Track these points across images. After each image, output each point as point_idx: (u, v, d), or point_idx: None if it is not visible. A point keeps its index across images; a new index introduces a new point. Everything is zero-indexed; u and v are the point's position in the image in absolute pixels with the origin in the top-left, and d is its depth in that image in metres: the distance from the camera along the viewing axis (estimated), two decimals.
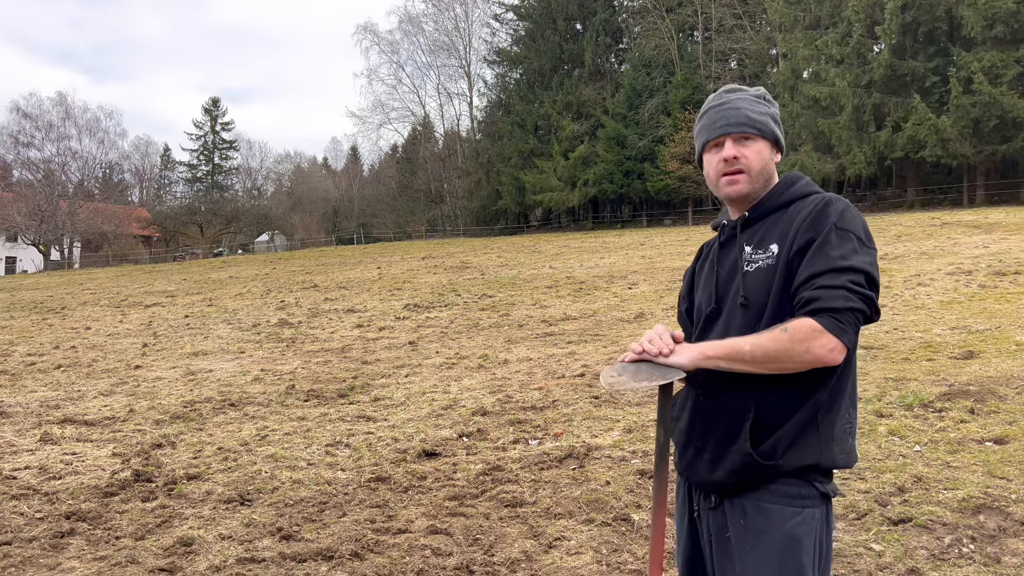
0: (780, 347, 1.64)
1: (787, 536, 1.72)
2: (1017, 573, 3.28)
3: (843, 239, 1.69)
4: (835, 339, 1.62)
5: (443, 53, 67.84)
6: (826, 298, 1.63)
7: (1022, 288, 11.06)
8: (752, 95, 1.91)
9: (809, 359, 1.64)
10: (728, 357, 1.70)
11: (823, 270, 1.66)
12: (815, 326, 1.62)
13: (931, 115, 32.68)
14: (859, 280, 1.65)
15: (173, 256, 59.23)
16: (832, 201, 1.76)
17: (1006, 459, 4.56)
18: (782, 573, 1.71)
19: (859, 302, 1.64)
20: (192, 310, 17.58)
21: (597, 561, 3.71)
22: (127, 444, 6.28)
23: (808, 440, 1.73)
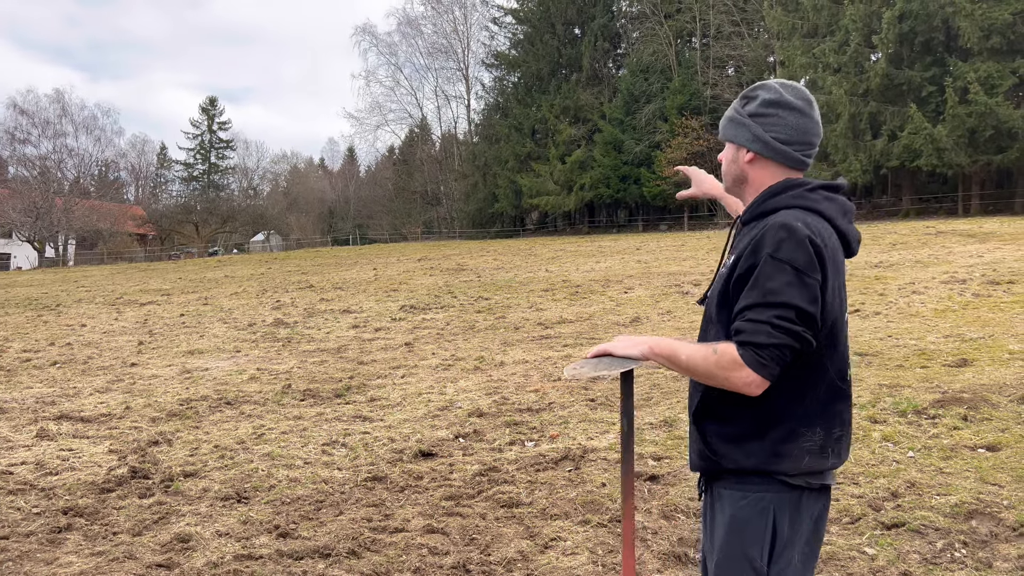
0: (706, 368, 1.74)
1: (732, 517, 1.84)
2: None
3: (778, 271, 1.69)
4: (753, 374, 1.68)
5: (441, 56, 68.01)
6: (751, 332, 1.69)
7: (1016, 297, 11.13)
8: (739, 99, 1.99)
9: (729, 386, 1.73)
10: (668, 359, 1.81)
11: (753, 303, 1.71)
12: (736, 359, 1.68)
13: (927, 124, 32.86)
14: (788, 315, 1.67)
15: (168, 255, 59.17)
16: (773, 227, 1.74)
17: (998, 466, 4.60)
18: (726, 552, 1.85)
19: (783, 337, 1.67)
20: (188, 309, 17.57)
21: (593, 562, 3.74)
22: (124, 441, 6.29)
23: (750, 447, 1.82)
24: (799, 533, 1.84)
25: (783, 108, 1.87)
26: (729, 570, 1.85)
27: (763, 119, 1.89)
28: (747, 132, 1.91)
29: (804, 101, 1.88)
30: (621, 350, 1.88)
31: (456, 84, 69.39)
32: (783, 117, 1.87)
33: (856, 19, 36.24)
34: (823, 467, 1.84)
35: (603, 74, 55.99)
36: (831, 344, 1.81)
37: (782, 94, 1.89)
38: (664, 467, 5.01)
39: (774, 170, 1.91)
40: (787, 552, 1.83)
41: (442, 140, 72.52)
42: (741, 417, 1.82)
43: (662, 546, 3.85)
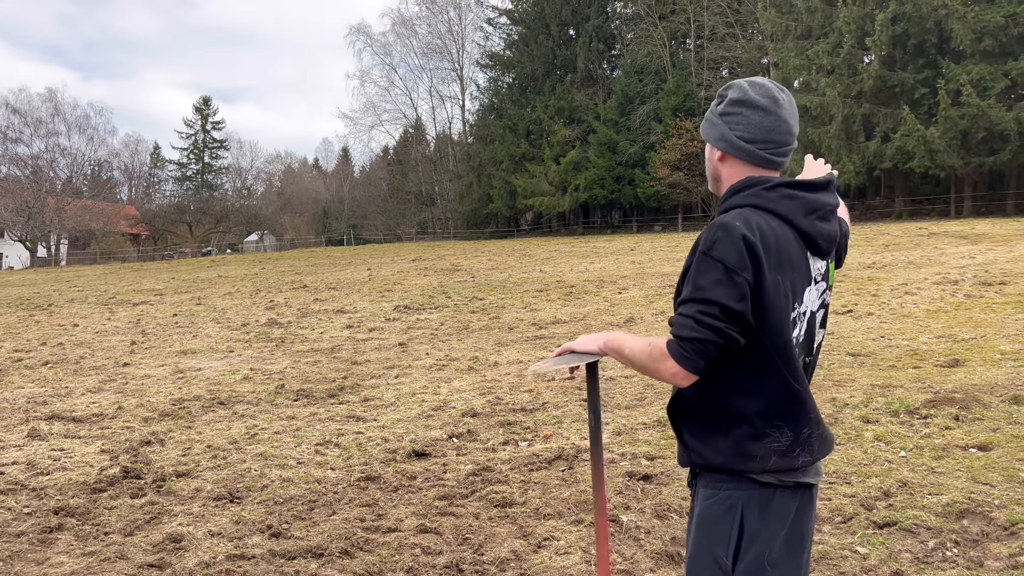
0: (643, 360, 1.79)
1: (700, 515, 1.88)
2: None
3: (708, 268, 1.72)
4: (677, 366, 1.73)
5: (436, 56, 68.00)
6: (678, 325, 1.75)
7: (1007, 298, 11.17)
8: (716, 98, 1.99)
9: (660, 377, 1.78)
10: (614, 351, 1.89)
11: (684, 298, 1.77)
12: (664, 350, 1.75)
13: (920, 126, 32.98)
14: (712, 311, 1.69)
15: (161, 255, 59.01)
16: (713, 227, 1.76)
17: (989, 465, 4.62)
18: (693, 550, 1.90)
19: (706, 332, 1.69)
20: (181, 309, 17.51)
21: (586, 561, 3.74)
22: (116, 441, 6.26)
23: (718, 445, 1.84)
24: (770, 531, 1.82)
25: (747, 107, 1.87)
26: (696, 567, 1.88)
27: (729, 118, 1.89)
28: (716, 131, 1.92)
29: (769, 99, 1.87)
30: (581, 347, 1.98)
31: (451, 84, 69.50)
32: (747, 116, 1.86)
33: (849, 21, 36.35)
34: (793, 466, 1.82)
35: (598, 75, 56.07)
36: (779, 343, 1.77)
37: (747, 92, 1.88)
38: (657, 467, 5.02)
39: (742, 168, 1.90)
40: (755, 550, 1.81)
41: (437, 140, 72.50)
42: (706, 414, 1.86)
43: (655, 545, 3.85)
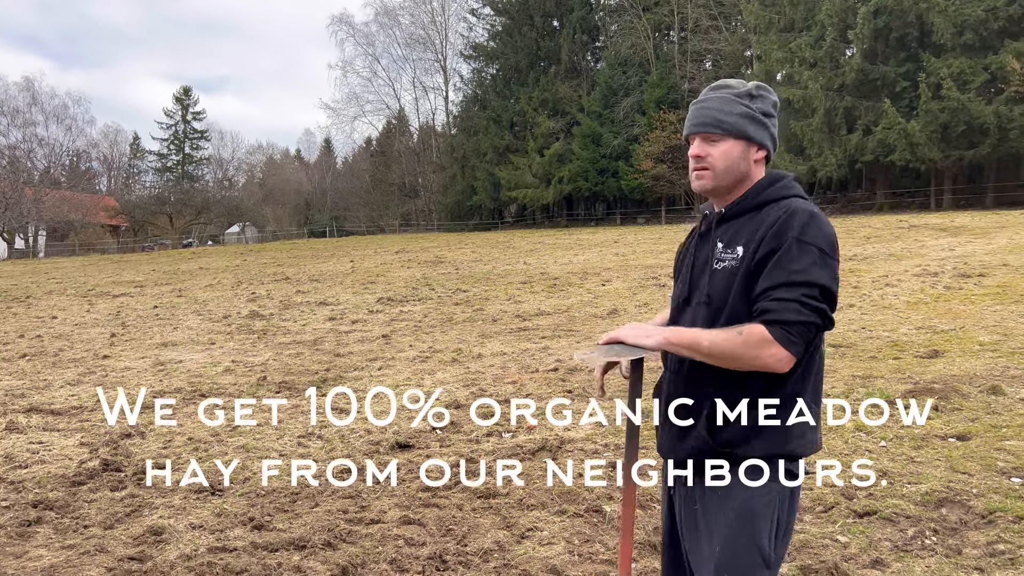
0: (733, 349, 1.74)
1: (743, 508, 1.84)
2: (977, 564, 3.36)
3: (803, 252, 1.75)
4: (783, 351, 1.72)
5: (419, 47, 67.62)
6: (779, 311, 1.72)
7: (986, 290, 11.30)
8: (732, 94, 1.94)
9: (758, 364, 1.74)
10: (688, 347, 1.81)
11: (780, 283, 1.74)
12: (766, 336, 1.71)
13: (901, 119, 33.23)
14: (813, 294, 1.73)
15: (142, 246, 58.42)
16: (797, 212, 1.80)
17: (968, 455, 4.67)
18: (735, 544, 1.84)
19: (811, 315, 1.72)
20: (161, 301, 17.36)
21: (569, 551, 3.75)
22: (95, 434, 6.20)
23: (766, 433, 1.84)
24: (793, 521, 1.93)
25: (778, 112, 1.98)
26: (739, 561, 1.84)
27: (772, 120, 1.95)
28: (765, 132, 1.94)
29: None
30: (632, 339, 1.87)
31: (434, 75, 68.98)
32: (778, 120, 1.96)
33: (832, 14, 36.53)
34: (815, 446, 1.91)
35: (581, 67, 56.01)
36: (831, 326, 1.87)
37: (776, 98, 1.99)
38: (641, 458, 5.03)
39: (765, 167, 1.99)
40: (786, 539, 1.90)
41: (420, 132, 72.18)
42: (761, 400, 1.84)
43: (637, 535, 3.86)
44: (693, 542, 1.95)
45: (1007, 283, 11.65)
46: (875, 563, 3.45)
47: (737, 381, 1.82)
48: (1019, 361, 6.92)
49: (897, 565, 3.42)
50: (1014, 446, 4.74)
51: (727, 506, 1.86)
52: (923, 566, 3.39)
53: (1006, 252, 15.35)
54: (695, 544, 1.94)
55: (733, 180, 1.93)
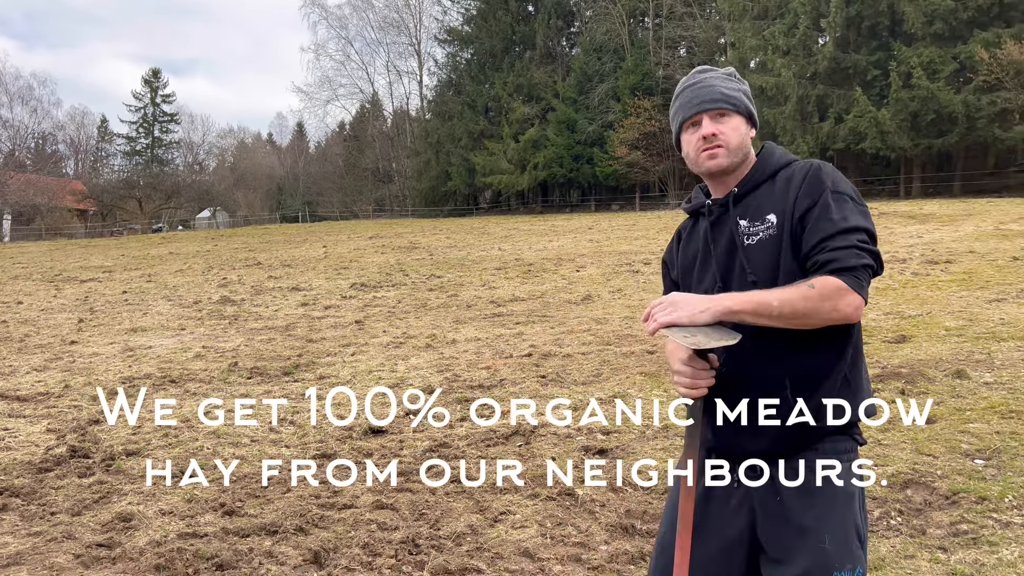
0: (809, 304, 1.66)
1: (845, 492, 1.77)
2: (940, 544, 3.43)
3: (841, 202, 1.76)
4: (858, 296, 1.69)
5: (393, 30, 67.03)
6: (842, 259, 1.69)
7: (952, 276, 11.49)
8: (723, 73, 1.94)
9: (837, 316, 1.68)
10: (755, 312, 1.68)
11: (832, 232, 1.72)
12: (841, 285, 1.67)
13: (872, 108, 33.58)
14: (864, 238, 1.73)
15: (110, 231, 57.45)
16: (822, 166, 1.82)
17: (933, 437, 4.76)
18: (845, 527, 1.76)
19: (869, 258, 1.72)
20: (130, 286, 17.12)
21: (542, 534, 3.76)
22: (62, 420, 6.11)
23: (845, 396, 1.78)
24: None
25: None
26: (848, 546, 1.75)
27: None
28: (754, 110, 1.96)
29: None
30: (688, 317, 1.70)
31: (408, 59, 68.40)
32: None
33: (805, 2, 36.75)
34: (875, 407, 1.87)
35: (556, 52, 55.84)
36: None
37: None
38: (613, 441, 5.07)
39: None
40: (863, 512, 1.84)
41: (394, 116, 71.64)
42: (834, 369, 1.78)
43: (610, 518, 3.89)
44: (787, 536, 1.78)
45: (973, 270, 11.85)
46: None
47: (805, 350, 1.74)
48: (983, 346, 7.05)
49: None
50: (978, 428, 4.83)
51: (827, 492, 1.76)
52: (888, 546, 3.45)
53: (972, 239, 15.61)
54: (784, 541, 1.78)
55: (742, 156, 1.90)
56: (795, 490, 1.78)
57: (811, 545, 1.74)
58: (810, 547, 1.74)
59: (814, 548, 1.73)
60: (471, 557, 3.55)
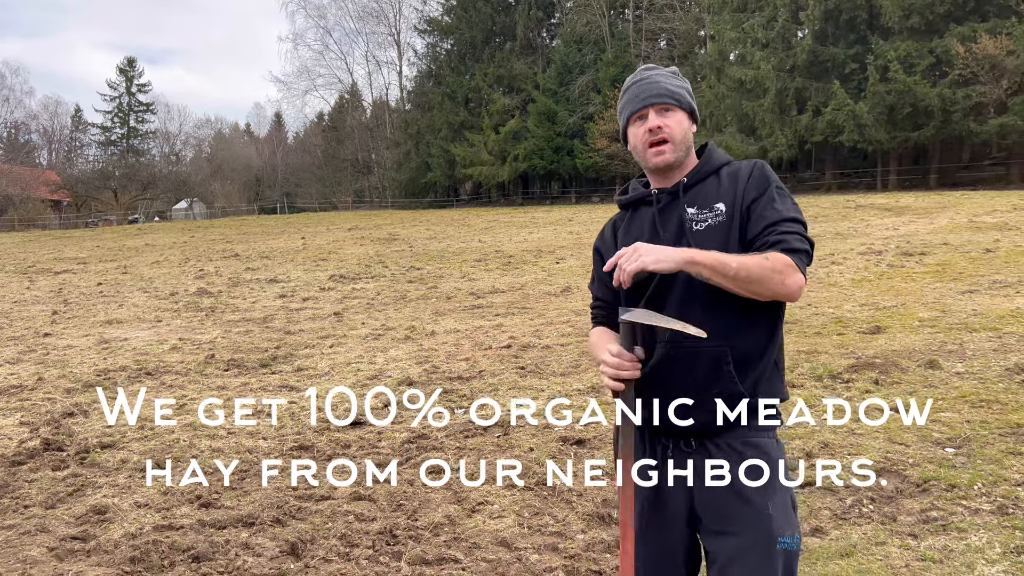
0: (763, 273, 1.78)
1: (778, 462, 1.90)
2: (911, 531, 3.49)
3: (783, 197, 1.93)
4: (802, 276, 1.83)
5: (372, 20, 66.63)
6: (790, 241, 1.85)
7: (927, 268, 11.64)
8: (668, 72, 2.07)
9: (782, 290, 1.81)
10: (712, 267, 1.78)
11: (779, 219, 1.88)
12: (790, 262, 1.81)
13: (849, 101, 33.85)
14: (803, 231, 1.90)
15: (85, 222, 56.67)
16: (765, 166, 1.99)
17: (905, 427, 4.83)
18: (783, 495, 1.87)
19: (808, 246, 1.89)
20: (106, 278, 16.92)
21: (519, 524, 3.78)
22: (36, 413, 6.05)
23: (774, 376, 1.94)
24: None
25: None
26: (787, 513, 1.86)
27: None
28: (695, 107, 2.10)
29: None
30: (653, 261, 1.77)
31: (388, 50, 68.32)
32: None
33: None
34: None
35: (537, 44, 55.73)
36: None
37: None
38: (590, 431, 5.09)
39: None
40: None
41: (373, 107, 71.22)
42: (768, 350, 1.93)
43: (587, 507, 3.92)
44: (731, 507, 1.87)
45: (947, 262, 12.01)
46: (815, 531, 3.55)
47: (743, 330, 1.87)
48: (956, 336, 7.15)
49: (836, 532, 3.53)
50: (949, 418, 4.91)
51: (766, 465, 1.87)
52: (860, 533, 3.51)
53: (947, 232, 15.82)
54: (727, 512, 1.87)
55: (685, 151, 2.01)
56: (735, 463, 1.88)
57: (755, 513, 1.84)
58: (755, 515, 1.84)
59: (759, 516, 1.83)
60: (448, 547, 3.56)
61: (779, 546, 1.83)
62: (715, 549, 1.88)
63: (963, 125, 32.20)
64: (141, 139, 71.78)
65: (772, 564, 1.82)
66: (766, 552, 1.82)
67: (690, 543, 1.97)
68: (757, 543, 1.82)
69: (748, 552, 1.83)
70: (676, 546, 1.96)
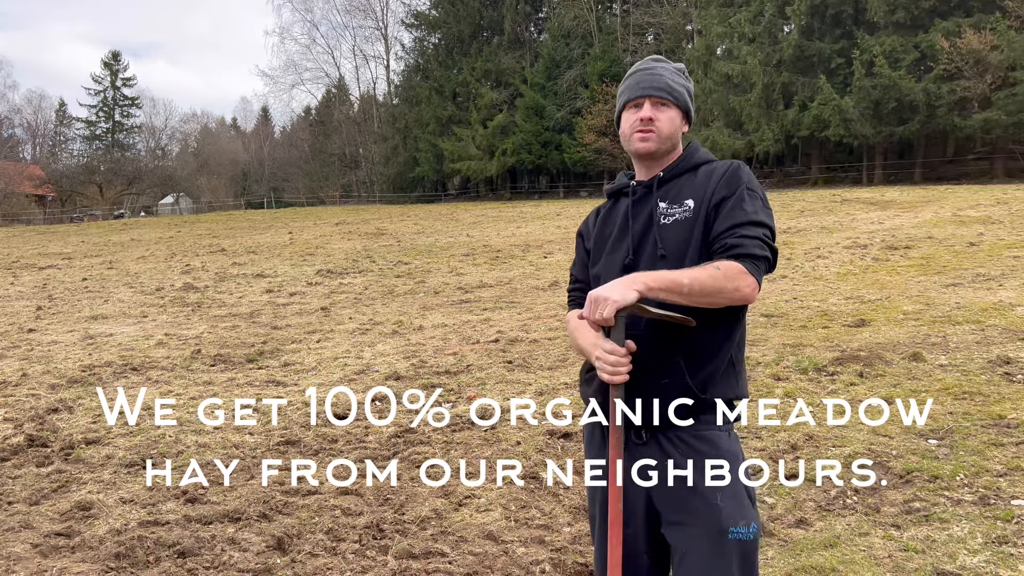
0: (715, 283, 1.81)
1: (730, 453, 1.94)
2: (894, 521, 3.52)
3: (753, 199, 1.94)
4: (755, 280, 1.85)
5: (359, 14, 66.35)
6: (747, 246, 1.87)
7: (911, 261, 11.72)
8: (674, 68, 2.10)
9: (737, 296, 1.84)
10: (668, 289, 1.81)
11: (742, 222, 1.89)
12: (741, 268, 1.84)
13: (835, 96, 33.98)
14: (768, 234, 1.92)
15: (70, 217, 56.20)
16: (741, 166, 2.00)
17: (888, 418, 4.86)
18: (735, 487, 1.92)
19: (768, 253, 1.91)
20: (91, 273, 16.80)
21: (506, 517, 3.79)
22: (20, 409, 6.00)
23: (729, 374, 1.97)
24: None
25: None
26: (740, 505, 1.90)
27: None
28: (692, 108, 2.13)
29: None
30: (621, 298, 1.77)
31: (375, 44, 68.09)
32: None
33: None
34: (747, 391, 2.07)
35: (525, 38, 55.64)
36: None
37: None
38: (577, 425, 5.10)
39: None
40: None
41: (361, 101, 70.93)
42: (723, 348, 1.95)
43: (574, 500, 3.93)
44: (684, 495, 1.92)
45: (931, 255, 12.10)
46: (800, 522, 3.58)
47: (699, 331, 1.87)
48: (939, 329, 7.21)
49: (820, 524, 3.56)
50: (932, 410, 4.95)
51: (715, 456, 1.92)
52: (843, 524, 3.54)
53: (931, 226, 15.93)
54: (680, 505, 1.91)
55: (670, 146, 2.06)
56: (685, 454, 1.93)
57: (706, 505, 1.89)
58: (705, 507, 1.89)
59: (709, 507, 1.89)
60: (435, 541, 3.56)
61: (732, 536, 1.87)
62: (673, 541, 1.94)
63: (948, 120, 32.41)
64: (126, 133, 71.29)
65: (724, 554, 1.87)
66: (718, 542, 1.87)
67: (652, 537, 2.00)
68: (709, 533, 1.88)
69: (700, 542, 1.88)
70: (638, 540, 1.99)
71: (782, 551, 3.33)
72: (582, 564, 3.31)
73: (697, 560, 1.88)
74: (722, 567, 1.86)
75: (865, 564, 3.16)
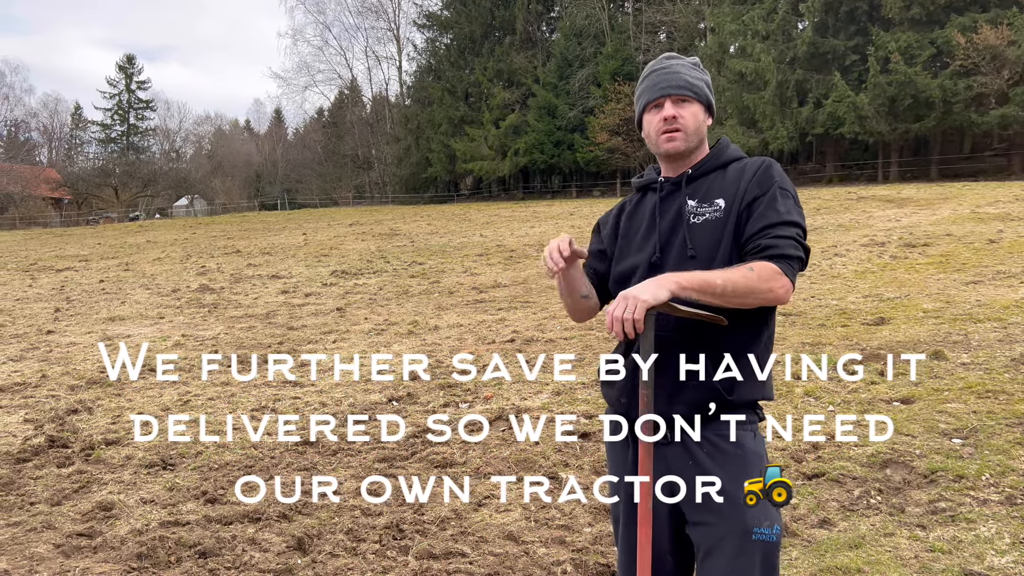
0: (749, 284, 1.79)
1: (754, 453, 1.92)
2: (919, 522, 3.48)
3: (786, 198, 1.92)
4: (789, 281, 1.83)
5: (371, 15, 66.55)
6: (781, 246, 1.85)
7: (930, 259, 11.61)
8: (689, 62, 2.07)
9: (771, 297, 1.82)
10: (700, 290, 1.78)
11: (776, 222, 1.87)
12: (776, 269, 1.82)
13: (850, 93, 33.72)
14: (800, 234, 1.90)
15: (87, 220, 56.67)
16: (773, 164, 1.97)
17: (911, 417, 4.81)
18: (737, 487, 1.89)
19: (802, 252, 1.89)
20: (108, 275, 16.92)
21: (526, 517, 3.77)
22: (40, 410, 6.04)
23: (754, 377, 1.94)
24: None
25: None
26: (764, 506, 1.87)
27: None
28: (713, 101, 2.09)
29: None
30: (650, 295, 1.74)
31: (387, 45, 68.19)
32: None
33: None
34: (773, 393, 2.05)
35: (537, 37, 55.56)
36: None
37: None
38: (596, 424, 5.08)
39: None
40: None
41: (373, 102, 71.10)
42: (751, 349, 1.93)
43: (594, 500, 3.91)
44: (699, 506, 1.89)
45: (950, 252, 11.98)
46: (823, 523, 3.54)
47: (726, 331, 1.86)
48: (960, 327, 7.14)
49: (844, 524, 3.52)
50: (955, 408, 4.90)
51: (738, 455, 1.90)
52: (868, 524, 3.50)
53: (949, 223, 15.78)
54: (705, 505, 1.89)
55: (697, 142, 2.02)
56: (711, 455, 1.91)
57: (730, 504, 1.87)
58: (729, 506, 1.86)
59: (734, 507, 1.86)
60: (455, 541, 3.55)
61: (755, 536, 1.85)
62: (697, 540, 1.93)
63: (964, 116, 32.08)
64: (141, 136, 71.75)
65: (749, 554, 1.85)
66: (742, 542, 1.85)
67: (676, 537, 1.98)
68: (733, 533, 1.86)
69: (724, 542, 1.86)
70: (662, 541, 1.97)
71: (806, 551, 3.29)
72: (604, 565, 3.29)
73: (721, 560, 1.86)
74: (745, 567, 1.85)
75: (891, 565, 3.12)
